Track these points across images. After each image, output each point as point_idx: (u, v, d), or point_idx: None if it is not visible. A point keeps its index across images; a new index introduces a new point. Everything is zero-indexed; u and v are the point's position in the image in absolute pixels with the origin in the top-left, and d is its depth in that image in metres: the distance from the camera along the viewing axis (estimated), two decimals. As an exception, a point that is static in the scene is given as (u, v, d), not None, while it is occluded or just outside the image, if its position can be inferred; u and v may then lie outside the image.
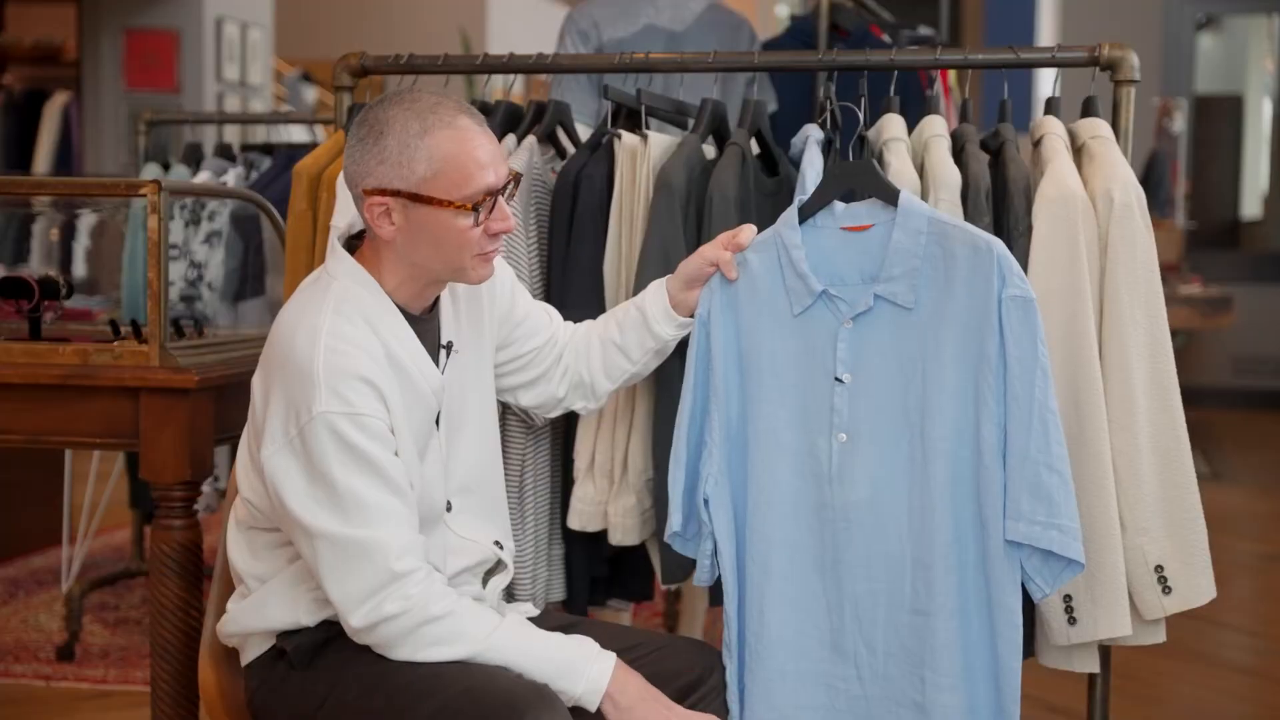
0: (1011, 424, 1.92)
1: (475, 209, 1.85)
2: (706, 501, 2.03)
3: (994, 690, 1.95)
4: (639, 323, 2.13)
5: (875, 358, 1.98)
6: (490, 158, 1.87)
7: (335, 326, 1.85)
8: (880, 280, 1.98)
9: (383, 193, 1.86)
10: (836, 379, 1.99)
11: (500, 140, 2.47)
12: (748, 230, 2.06)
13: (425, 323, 1.97)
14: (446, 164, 1.84)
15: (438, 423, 1.97)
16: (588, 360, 2.16)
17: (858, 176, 2.04)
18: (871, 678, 1.99)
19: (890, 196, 2.00)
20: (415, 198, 1.85)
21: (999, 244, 1.96)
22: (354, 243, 1.99)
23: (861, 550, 1.99)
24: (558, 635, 1.91)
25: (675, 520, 2.06)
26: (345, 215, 2.35)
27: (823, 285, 2.00)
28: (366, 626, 1.82)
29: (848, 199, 2.05)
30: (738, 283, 2.05)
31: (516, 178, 1.95)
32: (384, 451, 1.83)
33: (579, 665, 1.86)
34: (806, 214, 2.04)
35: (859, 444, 1.99)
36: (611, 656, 1.89)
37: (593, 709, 1.86)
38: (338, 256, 1.94)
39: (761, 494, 2.02)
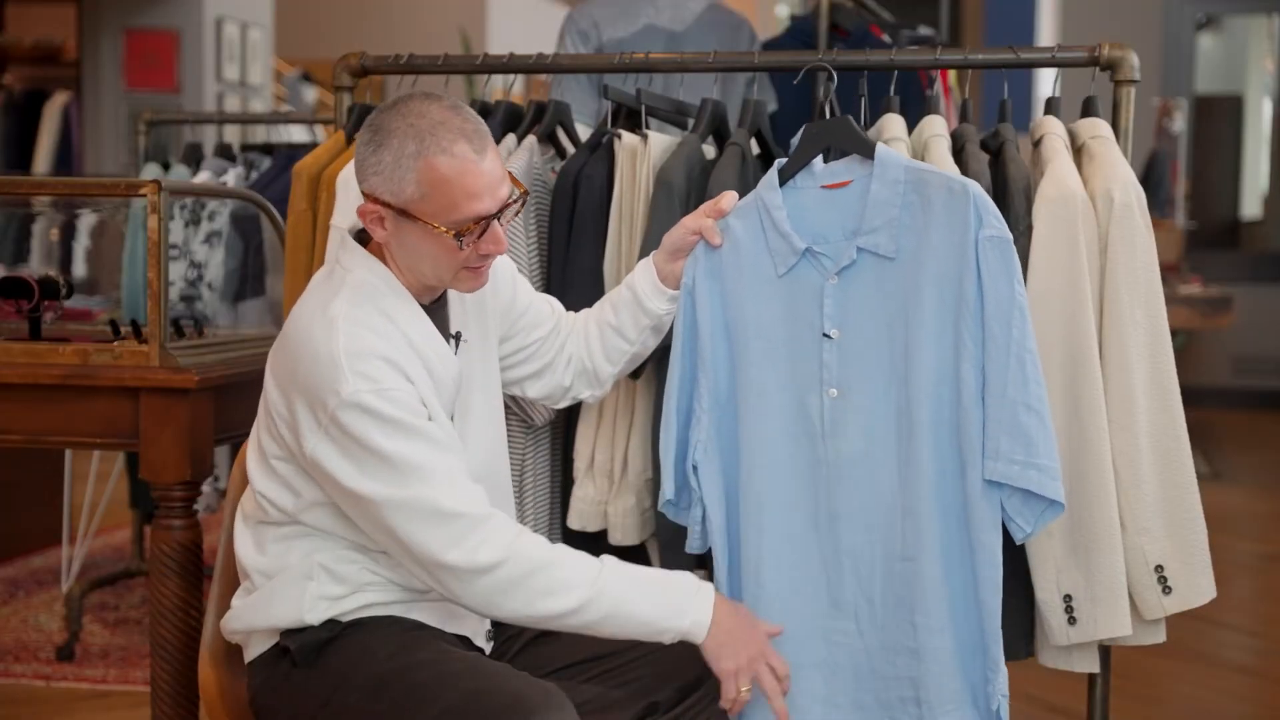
0: (989, 364, 1.92)
1: (459, 236, 1.86)
2: (695, 468, 2.04)
3: (978, 630, 1.96)
4: (631, 302, 2.14)
5: (862, 311, 1.99)
6: (484, 187, 1.86)
7: (351, 313, 1.86)
8: (862, 233, 1.98)
9: (376, 201, 1.88)
10: (824, 335, 2.00)
11: (500, 140, 2.48)
12: (729, 196, 2.07)
13: (435, 312, 1.98)
14: (434, 190, 1.84)
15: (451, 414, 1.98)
16: (588, 346, 2.17)
17: (835, 134, 2.04)
18: (870, 629, 2.00)
19: (867, 151, 2.01)
20: (403, 213, 1.86)
21: (975, 186, 1.96)
22: (365, 234, 1.99)
23: (857, 503, 2.00)
24: (658, 573, 1.93)
25: (668, 488, 2.07)
26: (346, 214, 2.35)
27: (806, 243, 2.01)
28: (464, 569, 1.80)
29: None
30: (721, 249, 2.05)
31: (523, 197, 1.94)
32: (419, 419, 1.84)
33: (683, 602, 1.88)
34: (786, 175, 2.04)
35: (850, 398, 1.99)
36: (709, 589, 1.91)
37: (700, 642, 1.88)
38: (349, 249, 1.95)
39: (754, 456, 2.03)
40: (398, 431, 1.82)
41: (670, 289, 2.11)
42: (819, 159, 2.06)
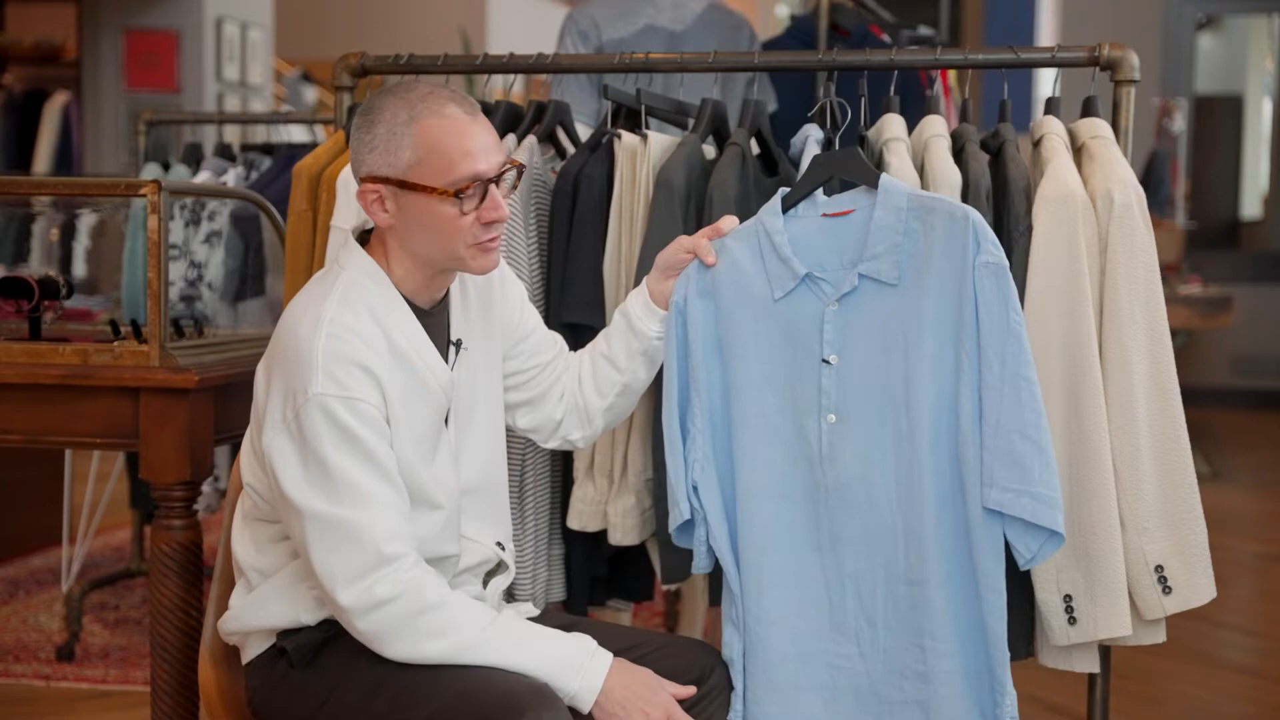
0: (985, 392, 1.92)
1: (459, 195, 1.86)
2: (695, 487, 2.03)
3: (984, 653, 1.95)
4: (623, 328, 2.12)
5: (862, 337, 1.99)
6: (479, 146, 1.87)
7: (338, 315, 1.86)
8: (864, 260, 1.98)
9: (374, 180, 1.89)
10: (824, 360, 1.99)
11: (500, 140, 2.48)
12: (728, 220, 2.07)
13: (433, 317, 1.97)
14: (430, 151, 1.85)
15: (447, 421, 1.97)
16: (579, 382, 2.15)
17: (842, 165, 2.04)
18: (873, 653, 2.00)
19: (872, 181, 2.01)
20: (403, 184, 1.87)
21: (975, 213, 1.96)
22: (367, 237, 2.00)
23: (858, 527, 1.99)
24: (555, 632, 1.90)
25: (685, 509, 2.04)
26: (347, 215, 2.35)
27: (806, 269, 2.00)
28: (357, 608, 1.81)
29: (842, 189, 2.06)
30: (717, 269, 2.04)
31: (518, 168, 1.95)
32: (376, 439, 1.83)
33: (575, 663, 1.86)
34: (790, 203, 2.04)
35: (848, 423, 1.99)
36: (607, 656, 1.89)
37: (586, 709, 1.86)
38: (349, 249, 1.95)
39: (752, 478, 2.02)
40: (348, 445, 1.81)
41: (662, 309, 2.09)
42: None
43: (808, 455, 2.01)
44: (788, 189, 2.05)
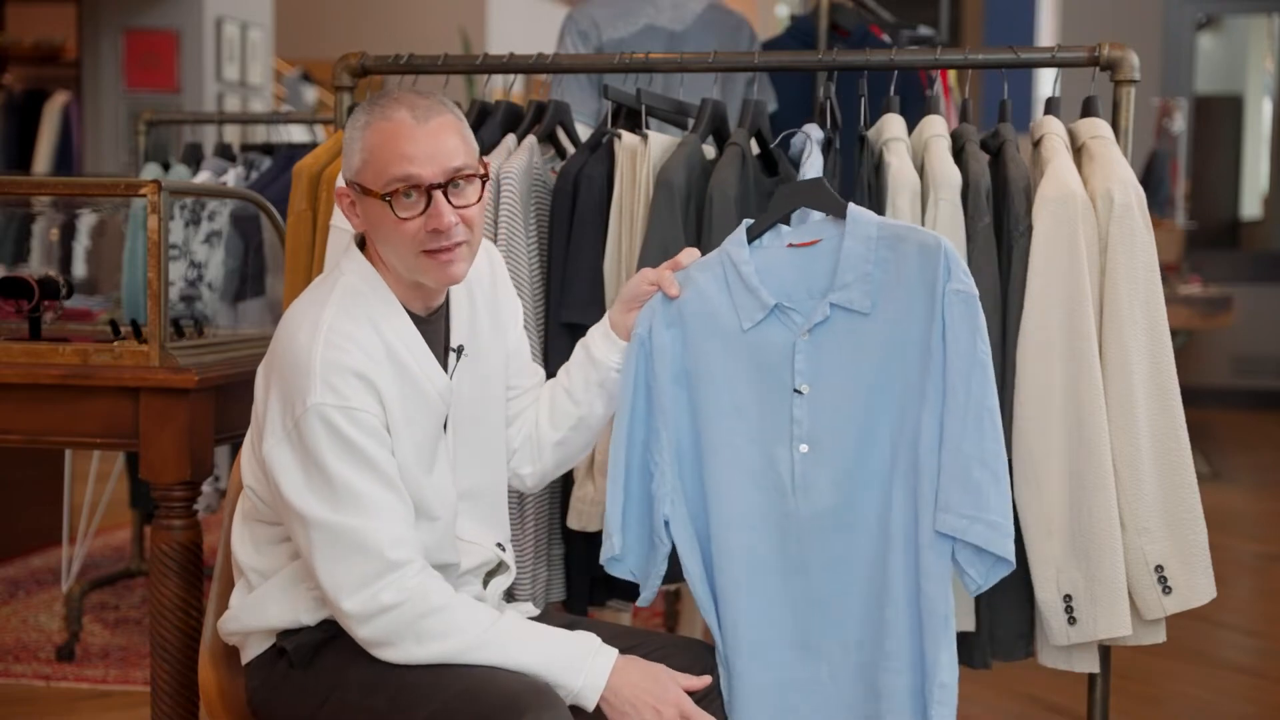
0: (948, 417, 1.91)
1: (386, 199, 1.84)
2: (667, 523, 2.01)
3: (922, 674, 1.94)
4: (583, 360, 2.10)
5: (834, 366, 1.97)
6: (418, 151, 1.85)
7: (336, 322, 1.86)
8: (834, 290, 1.97)
9: (346, 183, 1.91)
10: (795, 390, 1.99)
11: (500, 140, 2.48)
12: (690, 252, 2.06)
13: (432, 324, 1.96)
14: (370, 154, 1.86)
15: (445, 428, 1.97)
16: (537, 413, 2.13)
17: (808, 195, 2.03)
18: (844, 675, 1.98)
19: (839, 211, 1.99)
20: (358, 188, 1.89)
21: (946, 241, 1.95)
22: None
23: (832, 554, 1.98)
24: (559, 631, 1.90)
25: (616, 543, 2.03)
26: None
27: (775, 299, 1.99)
28: (362, 614, 1.81)
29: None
30: (682, 301, 2.02)
31: (482, 176, 1.91)
32: (377, 447, 1.84)
33: (578, 661, 1.86)
34: (754, 234, 2.02)
35: (821, 452, 1.98)
36: (612, 653, 1.88)
37: (590, 707, 1.86)
38: (350, 255, 1.95)
39: (724, 509, 2.00)
40: (349, 454, 1.81)
41: (622, 340, 2.06)
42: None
43: (779, 485, 1.99)
44: (752, 220, 2.04)
